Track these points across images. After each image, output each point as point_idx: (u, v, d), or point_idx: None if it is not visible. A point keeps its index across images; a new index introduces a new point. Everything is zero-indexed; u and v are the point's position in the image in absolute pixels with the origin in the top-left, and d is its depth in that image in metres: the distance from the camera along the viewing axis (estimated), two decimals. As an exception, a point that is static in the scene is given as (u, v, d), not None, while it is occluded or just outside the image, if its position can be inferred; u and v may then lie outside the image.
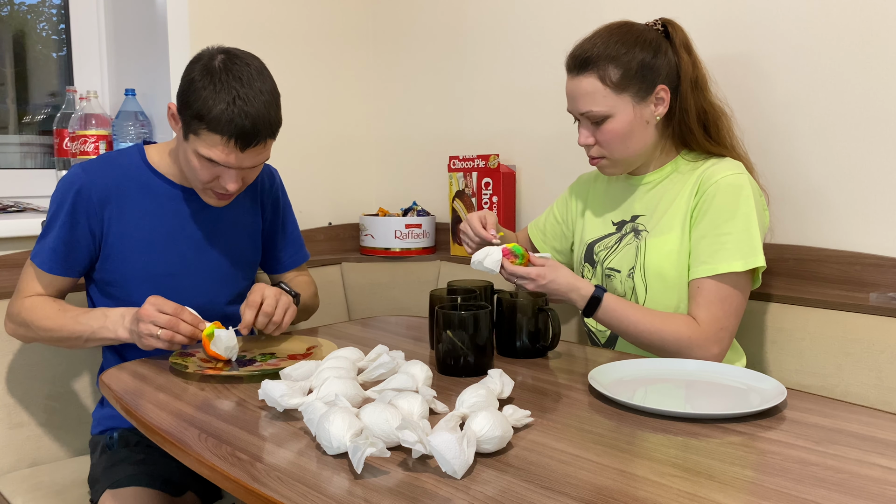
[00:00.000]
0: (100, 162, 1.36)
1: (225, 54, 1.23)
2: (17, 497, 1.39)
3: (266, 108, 1.21)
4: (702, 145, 1.31)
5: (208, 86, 1.19)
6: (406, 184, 2.29)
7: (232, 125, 1.18)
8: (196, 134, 1.21)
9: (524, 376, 1.12)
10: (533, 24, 1.90)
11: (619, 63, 1.25)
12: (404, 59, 2.25)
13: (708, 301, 1.23)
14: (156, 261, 1.35)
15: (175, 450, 0.87)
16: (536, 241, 1.58)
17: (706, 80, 1.31)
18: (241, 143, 1.20)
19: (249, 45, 2.03)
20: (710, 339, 1.22)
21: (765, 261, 1.22)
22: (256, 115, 1.19)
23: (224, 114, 1.18)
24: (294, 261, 1.58)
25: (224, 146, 1.20)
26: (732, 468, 0.77)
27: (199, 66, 1.22)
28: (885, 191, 1.36)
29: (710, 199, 1.24)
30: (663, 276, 1.29)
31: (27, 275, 1.34)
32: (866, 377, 1.25)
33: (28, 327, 1.31)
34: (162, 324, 1.17)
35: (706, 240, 1.24)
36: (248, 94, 1.19)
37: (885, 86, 1.34)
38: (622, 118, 1.26)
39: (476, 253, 1.26)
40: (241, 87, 1.19)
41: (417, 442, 0.77)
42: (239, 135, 1.19)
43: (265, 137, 1.23)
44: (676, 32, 1.30)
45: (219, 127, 1.18)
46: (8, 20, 1.97)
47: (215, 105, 1.18)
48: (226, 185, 1.26)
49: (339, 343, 1.33)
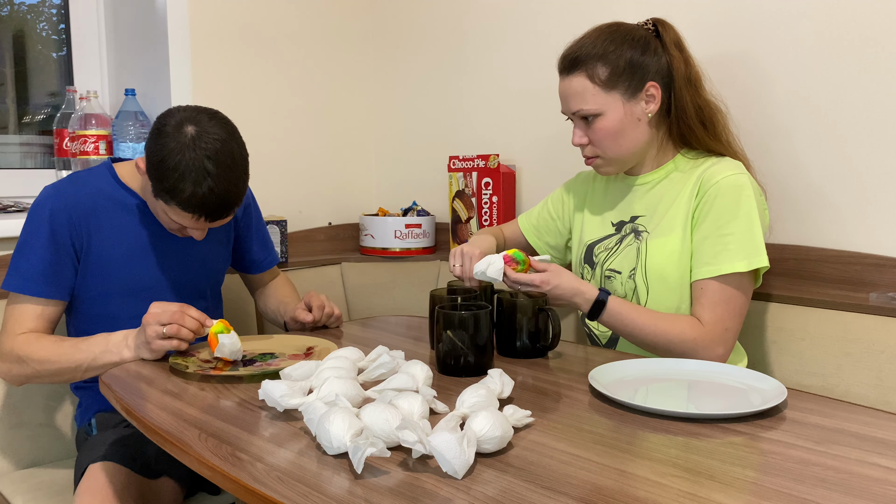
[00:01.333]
0: (70, 181, 1.37)
1: (195, 125, 1.21)
2: (17, 497, 1.39)
3: (234, 185, 1.23)
4: (702, 142, 1.31)
5: (179, 165, 1.19)
6: (406, 184, 2.29)
7: (202, 207, 1.22)
8: (167, 203, 1.24)
9: (524, 376, 1.12)
10: (533, 25, 1.90)
11: (606, 61, 1.26)
12: (404, 59, 2.25)
13: (712, 302, 1.23)
14: (133, 275, 1.36)
15: (175, 450, 0.87)
16: (529, 236, 1.57)
17: (700, 78, 1.31)
18: (210, 219, 1.25)
19: (249, 45, 2.03)
20: (715, 341, 1.22)
21: (767, 261, 1.22)
22: (226, 195, 1.22)
23: (194, 198, 1.20)
24: (269, 261, 1.65)
25: (194, 220, 1.25)
26: (733, 468, 0.77)
27: (170, 139, 1.20)
28: (886, 191, 1.36)
29: (712, 200, 1.24)
30: (665, 277, 1.28)
31: (13, 311, 1.31)
32: (866, 377, 1.25)
33: (23, 363, 1.28)
34: (167, 320, 1.18)
35: (709, 241, 1.24)
36: (217, 174, 1.20)
37: (885, 85, 1.34)
38: (612, 116, 1.27)
39: (478, 263, 1.27)
40: (211, 165, 1.20)
41: (417, 442, 0.77)
42: (208, 213, 1.23)
43: (232, 209, 1.26)
44: (667, 31, 1.31)
45: (189, 208, 1.22)
46: (8, 20, 1.97)
47: (185, 188, 1.19)
48: (192, 235, 1.32)
49: (339, 343, 1.33)
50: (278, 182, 2.14)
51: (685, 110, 1.29)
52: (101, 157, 1.84)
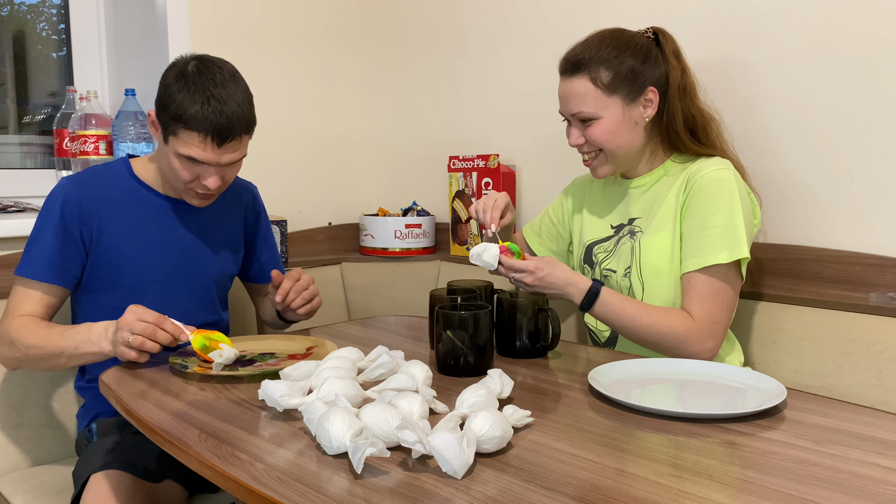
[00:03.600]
0: (87, 174, 1.39)
1: (198, 60, 1.29)
2: (17, 497, 1.39)
3: (240, 107, 1.27)
4: (689, 148, 1.34)
5: (183, 89, 1.24)
6: (406, 184, 2.29)
7: (208, 122, 1.23)
8: (175, 135, 1.26)
9: (524, 376, 1.12)
10: (533, 25, 1.90)
11: (610, 66, 1.28)
12: (404, 60, 2.25)
13: (700, 295, 1.24)
14: (143, 269, 1.37)
15: (175, 450, 0.87)
16: (532, 243, 1.59)
17: (695, 87, 1.34)
18: (218, 139, 1.25)
19: (249, 45, 2.03)
20: (705, 334, 1.23)
21: (748, 253, 1.24)
22: (231, 113, 1.25)
23: (199, 112, 1.23)
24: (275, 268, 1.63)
25: (201, 143, 1.25)
26: (732, 468, 0.77)
27: (174, 73, 1.27)
28: (885, 191, 1.36)
29: (696, 194, 1.27)
30: (659, 272, 1.30)
31: (16, 294, 1.33)
32: (866, 377, 1.25)
33: (13, 346, 1.28)
34: (138, 332, 1.16)
35: (694, 234, 1.26)
36: (221, 94, 1.25)
37: (884, 86, 1.34)
38: (611, 119, 1.30)
39: (475, 248, 1.27)
40: (215, 87, 1.25)
41: (417, 442, 0.77)
42: (215, 131, 1.24)
43: (240, 133, 1.28)
44: (667, 41, 1.34)
45: (195, 125, 1.24)
46: (8, 20, 1.97)
47: (191, 105, 1.23)
48: (206, 182, 1.30)
49: (339, 343, 1.33)
50: (278, 182, 2.14)
51: (675, 117, 1.32)
52: (101, 158, 1.84)
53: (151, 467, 1.25)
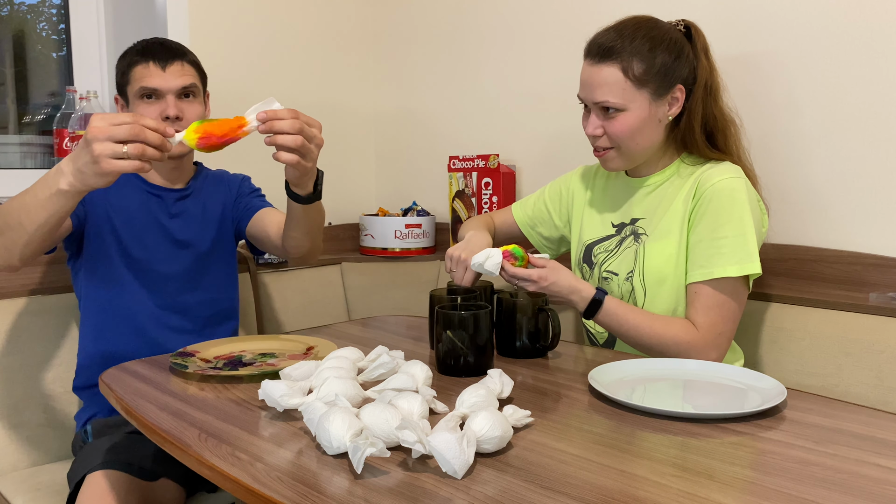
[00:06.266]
0: None
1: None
2: (17, 497, 1.39)
3: (175, 41, 1.45)
4: (701, 151, 1.30)
5: (128, 48, 1.44)
6: (406, 184, 2.29)
7: (145, 50, 1.41)
8: (129, 83, 1.41)
9: (524, 376, 1.12)
10: (533, 25, 1.90)
11: (643, 58, 1.23)
12: (404, 60, 2.25)
13: (705, 306, 1.23)
14: (134, 246, 1.44)
15: (175, 450, 0.87)
16: (523, 226, 1.56)
17: (719, 88, 1.30)
18: (160, 62, 1.40)
19: (249, 45, 2.03)
20: (708, 345, 1.22)
21: (760, 268, 1.22)
22: (165, 41, 1.45)
23: (136, 46, 1.43)
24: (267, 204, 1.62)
25: (146, 70, 1.39)
26: (732, 468, 0.77)
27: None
28: (886, 191, 1.36)
29: (707, 203, 1.24)
30: (663, 279, 1.28)
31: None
32: (866, 377, 1.25)
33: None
34: (124, 137, 0.99)
35: (703, 244, 1.24)
36: (157, 37, 1.46)
37: (885, 86, 1.34)
38: (637, 113, 1.25)
39: (476, 255, 1.26)
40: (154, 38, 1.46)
41: (417, 442, 0.77)
42: (154, 55, 1.40)
43: (180, 57, 1.42)
44: (698, 36, 1.29)
45: (137, 56, 1.40)
46: (8, 20, 1.97)
47: (133, 48, 1.43)
48: (167, 111, 1.39)
49: (339, 343, 1.33)
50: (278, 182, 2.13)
51: (695, 117, 1.27)
52: (101, 157, 1.84)
53: (147, 466, 1.25)
